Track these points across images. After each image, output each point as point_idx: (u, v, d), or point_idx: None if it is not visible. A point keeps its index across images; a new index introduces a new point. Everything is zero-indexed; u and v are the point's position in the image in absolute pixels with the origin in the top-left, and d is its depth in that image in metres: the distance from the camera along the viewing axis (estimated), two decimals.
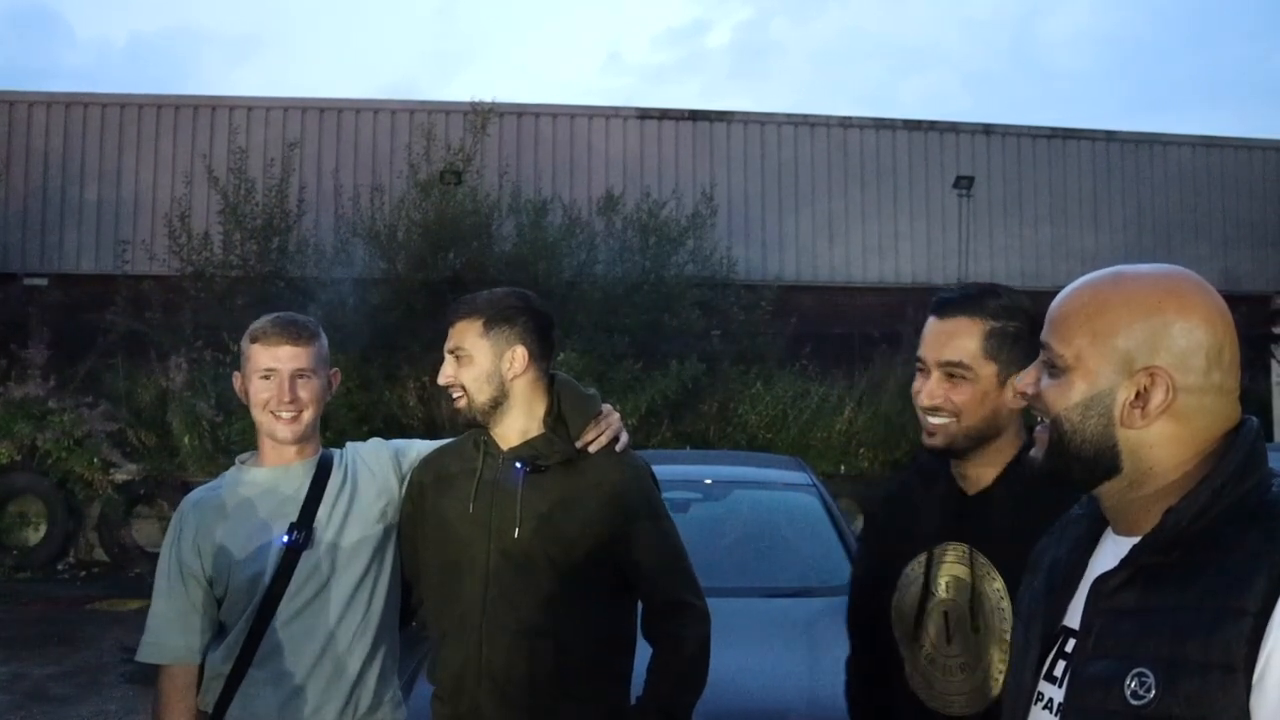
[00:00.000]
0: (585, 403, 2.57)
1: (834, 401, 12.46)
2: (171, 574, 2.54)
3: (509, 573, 2.42)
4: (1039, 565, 1.58)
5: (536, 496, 2.44)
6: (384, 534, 2.60)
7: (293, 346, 2.55)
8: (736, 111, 15.92)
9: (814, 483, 5.85)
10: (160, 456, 11.67)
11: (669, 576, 2.51)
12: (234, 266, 12.80)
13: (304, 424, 2.56)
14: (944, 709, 2.05)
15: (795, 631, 4.26)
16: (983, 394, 2.03)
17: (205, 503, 2.58)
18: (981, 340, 2.03)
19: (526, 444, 2.49)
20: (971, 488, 2.10)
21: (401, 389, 11.70)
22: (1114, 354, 1.38)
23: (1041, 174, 16.21)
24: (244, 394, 2.62)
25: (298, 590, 2.48)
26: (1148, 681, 1.27)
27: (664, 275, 13.11)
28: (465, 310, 2.51)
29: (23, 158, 14.59)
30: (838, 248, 15.68)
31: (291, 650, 2.47)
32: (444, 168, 13.13)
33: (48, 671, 7.44)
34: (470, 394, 2.47)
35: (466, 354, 2.48)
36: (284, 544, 2.49)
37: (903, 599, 2.13)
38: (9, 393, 11.47)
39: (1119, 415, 1.38)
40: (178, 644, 2.52)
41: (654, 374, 12.05)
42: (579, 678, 2.42)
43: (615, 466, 2.52)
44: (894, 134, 16.08)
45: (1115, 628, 1.34)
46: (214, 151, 13.76)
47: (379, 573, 2.57)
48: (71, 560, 12.06)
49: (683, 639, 2.47)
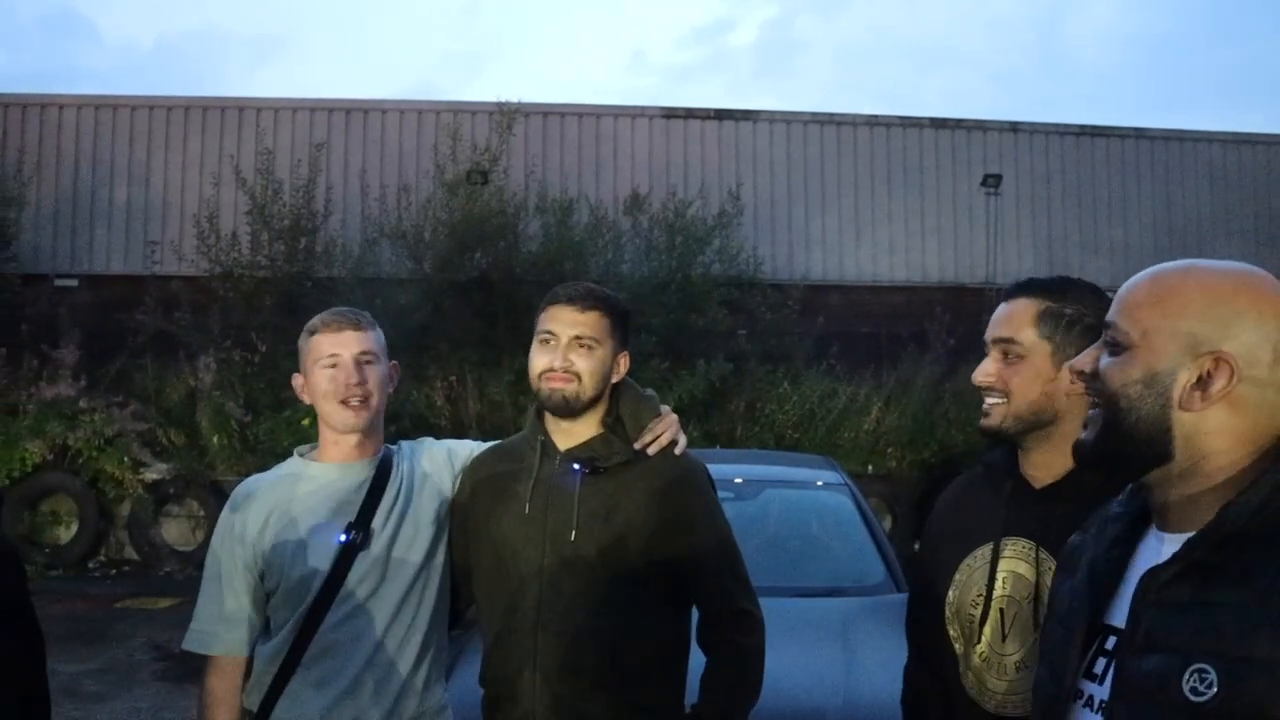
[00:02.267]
0: (644, 404, 2.55)
1: (861, 401, 12.40)
2: (224, 563, 2.50)
3: (564, 575, 2.39)
4: (1076, 563, 1.55)
5: (594, 499, 2.41)
6: (436, 536, 2.56)
7: (355, 331, 2.52)
8: (762, 110, 15.87)
9: (846, 482, 5.82)
10: (189, 456, 11.73)
11: (726, 582, 2.48)
12: (261, 267, 12.85)
13: (371, 411, 2.51)
14: (999, 710, 2.02)
15: (830, 631, 4.23)
16: (1035, 373, 2.02)
17: (262, 493, 2.53)
18: (1035, 318, 2.03)
19: (584, 445, 2.46)
20: (1039, 481, 2.07)
21: (429, 388, 11.71)
22: (1180, 335, 1.38)
23: (1069, 172, 16.06)
24: (305, 391, 2.57)
25: (351, 592, 2.44)
26: (1209, 677, 1.25)
27: (690, 275, 13.08)
28: (599, 302, 2.47)
29: (53, 160, 14.69)
30: (864, 247, 15.61)
31: (341, 652, 2.43)
32: (470, 168, 13.15)
33: (80, 668, 7.48)
34: (585, 383, 2.42)
35: (594, 343, 2.43)
36: (341, 543, 2.45)
37: (960, 596, 2.10)
38: (41, 392, 11.55)
39: (1178, 397, 1.37)
40: (228, 635, 2.49)
41: (681, 374, 12.02)
42: (634, 682, 2.39)
43: (674, 469, 2.49)
44: (920, 132, 15.99)
45: (1169, 622, 1.31)
46: (241, 152, 13.82)
47: (430, 576, 2.54)
48: (102, 558, 12.16)
49: (740, 646, 2.45)
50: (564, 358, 2.40)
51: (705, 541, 2.46)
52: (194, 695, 2.55)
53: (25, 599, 2.19)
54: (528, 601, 2.40)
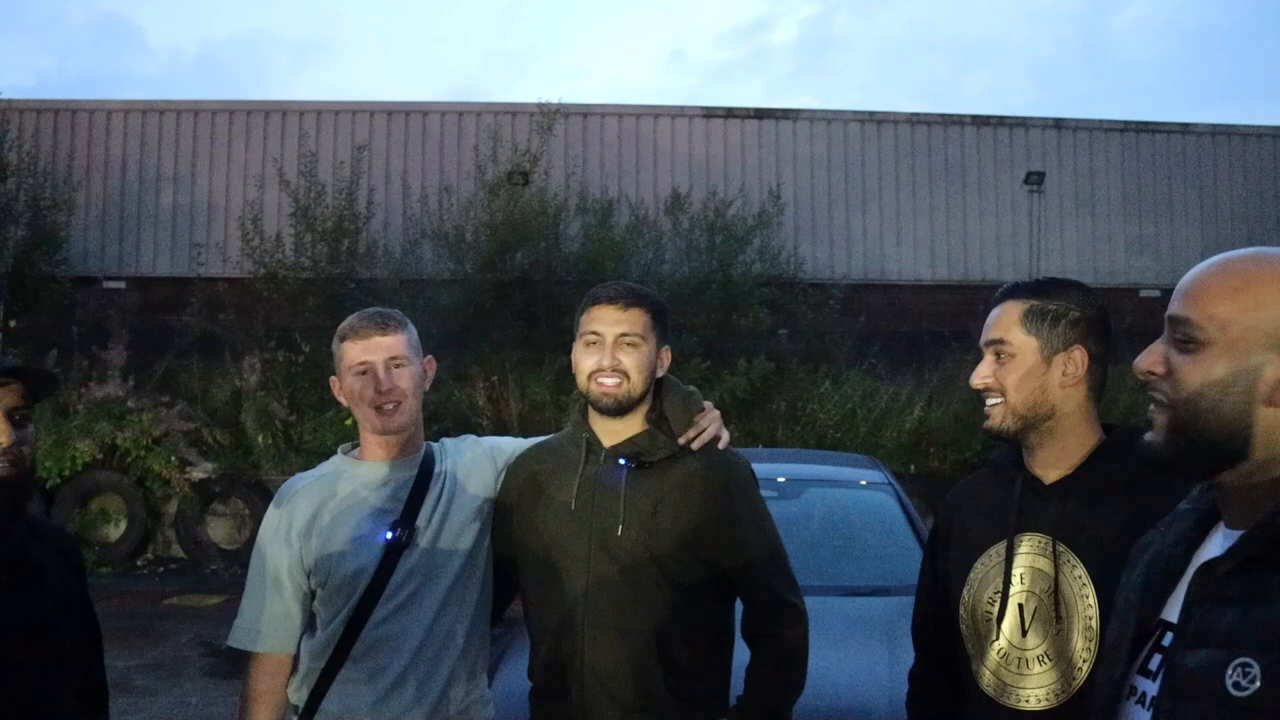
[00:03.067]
0: (688, 399, 2.56)
1: (903, 401, 12.33)
2: (269, 561, 2.52)
3: (611, 571, 2.40)
4: (1139, 559, 1.53)
5: (640, 494, 2.43)
6: (480, 533, 2.57)
7: (382, 336, 2.52)
8: (803, 109, 15.83)
9: (889, 481, 5.80)
10: (235, 455, 11.88)
11: (771, 576, 2.49)
12: (305, 268, 12.98)
13: (406, 414, 2.53)
14: (1017, 704, 2.03)
15: (874, 630, 4.21)
16: (1026, 370, 2.07)
17: (310, 491, 2.55)
18: (1021, 317, 2.09)
19: (629, 441, 2.48)
20: (1049, 477, 2.09)
21: (471, 388, 11.78)
22: (1263, 328, 1.32)
23: (1114, 169, 15.90)
24: (343, 396, 2.59)
25: (398, 588, 2.46)
26: (1251, 672, 1.21)
27: (731, 274, 13.05)
28: (640, 299, 2.50)
29: (101, 165, 14.92)
30: (906, 246, 15.52)
31: (387, 648, 2.45)
32: (511, 168, 13.22)
33: (130, 663, 7.60)
34: (634, 381, 2.44)
35: (639, 340, 2.46)
36: (387, 541, 2.46)
37: (974, 595, 2.12)
38: (90, 393, 11.75)
39: (1265, 393, 1.31)
40: (273, 632, 2.51)
41: (722, 373, 12.01)
42: (681, 676, 2.40)
43: (718, 464, 2.50)
44: (962, 130, 15.88)
45: (1218, 617, 1.29)
46: (285, 155, 13.96)
47: (473, 573, 2.55)
48: (150, 556, 12.34)
49: (785, 639, 2.46)
50: (611, 356, 2.42)
51: (750, 534, 2.47)
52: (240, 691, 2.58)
53: (86, 592, 2.24)
54: (575, 596, 2.41)
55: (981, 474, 2.32)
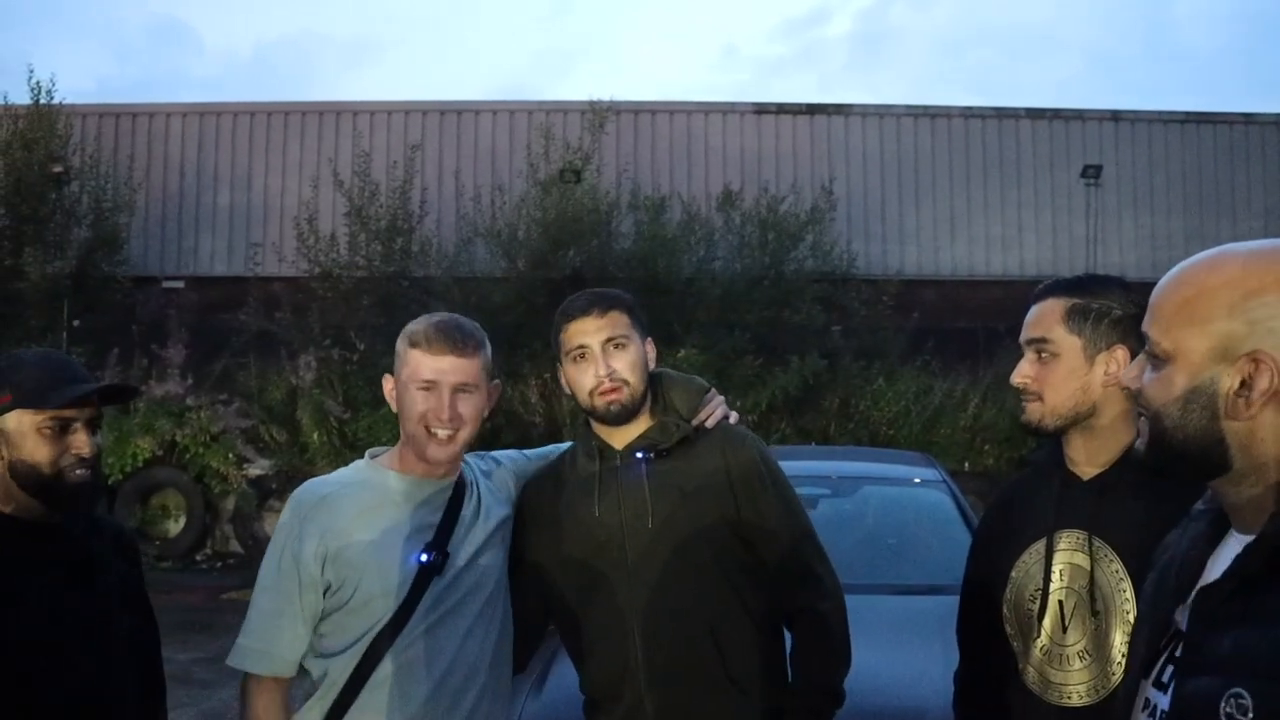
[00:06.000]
0: (690, 384, 2.56)
1: (958, 398, 12.24)
2: (285, 573, 2.29)
3: (651, 565, 2.38)
4: (1158, 561, 1.48)
5: (663, 483, 2.41)
6: (505, 560, 2.46)
7: (458, 358, 2.31)
8: (855, 104, 15.73)
9: (944, 478, 5.74)
10: (290, 452, 12.05)
11: (800, 545, 2.46)
12: (359, 267, 13.12)
13: (459, 444, 2.33)
14: (1059, 701, 2.02)
15: (929, 629, 4.16)
16: (1068, 370, 2.05)
17: (333, 500, 2.34)
18: (1063, 315, 2.06)
19: (641, 436, 2.45)
20: (1085, 473, 2.09)
21: (524, 386, 11.83)
22: (1213, 341, 1.27)
23: (1174, 161, 15.61)
24: (394, 399, 2.40)
25: (425, 615, 2.29)
26: (1244, 703, 1.15)
27: (784, 271, 13.02)
28: (613, 301, 2.48)
29: (160, 167, 15.17)
30: (960, 241, 15.37)
31: (409, 677, 2.27)
32: (563, 166, 13.27)
33: (191, 656, 7.71)
34: (633, 385, 2.40)
35: (625, 341, 2.43)
36: (420, 563, 2.29)
37: (1017, 593, 2.12)
38: (150, 391, 11.97)
39: (1223, 407, 1.26)
40: (284, 653, 2.29)
41: (774, 370, 11.99)
42: (738, 663, 2.38)
43: (733, 441, 2.49)
44: (1017, 123, 15.69)
45: (1217, 642, 1.22)
46: (339, 155, 14.09)
47: (499, 599, 2.43)
48: (208, 551, 12.55)
49: (821, 613, 2.42)
50: (605, 365, 2.39)
51: (777, 506, 2.45)
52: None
53: (143, 586, 2.28)
54: (618, 602, 2.39)
55: (1024, 473, 2.33)
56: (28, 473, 2.02)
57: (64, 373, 2.09)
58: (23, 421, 2.02)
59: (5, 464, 2.03)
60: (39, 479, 2.02)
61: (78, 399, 2.05)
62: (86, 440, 2.07)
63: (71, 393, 2.04)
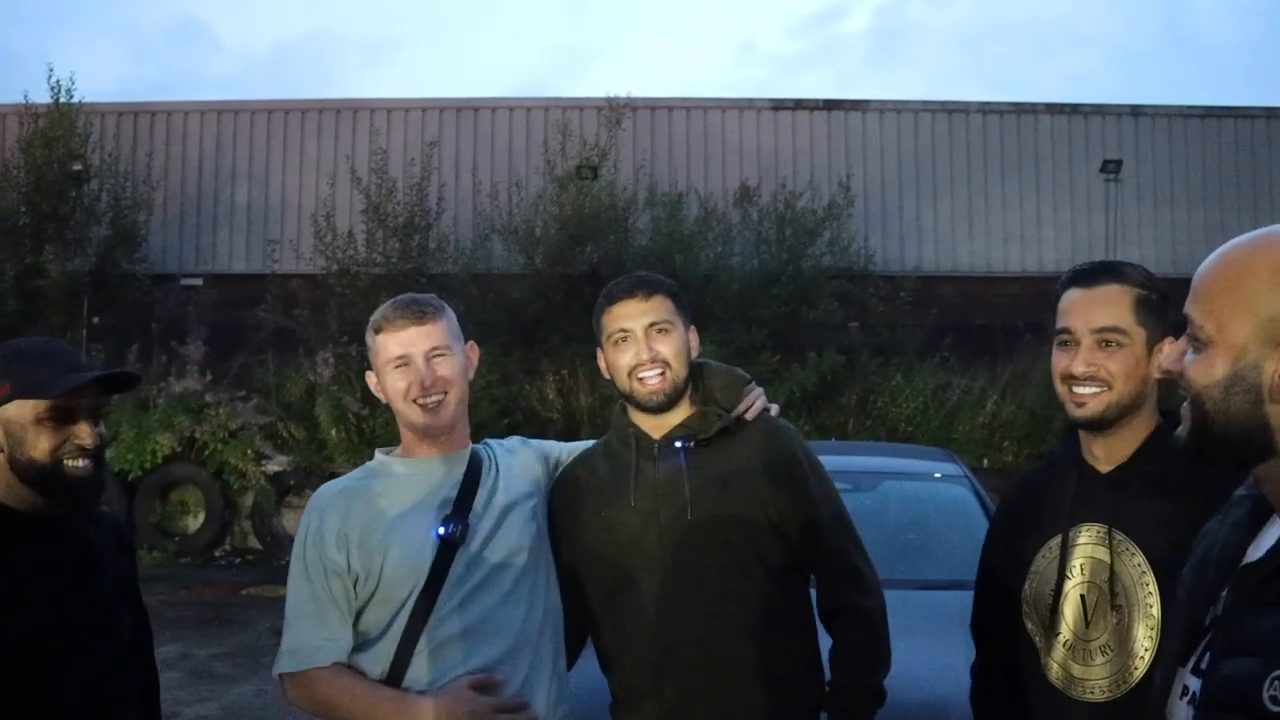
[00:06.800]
0: (731, 374, 2.53)
1: (976, 394, 12.19)
2: (311, 568, 2.31)
3: (688, 557, 2.33)
4: (1197, 548, 1.47)
5: (702, 474, 2.37)
6: (538, 534, 2.42)
7: (419, 326, 2.33)
8: (872, 100, 15.68)
9: (965, 474, 5.71)
10: (309, 448, 12.07)
11: (841, 541, 2.43)
12: (377, 264, 13.15)
13: (451, 408, 2.34)
14: (1082, 696, 2.01)
15: (952, 625, 4.12)
16: (1136, 361, 2.02)
17: (348, 493, 2.37)
18: (1132, 305, 2.04)
19: (681, 425, 2.42)
20: (1105, 466, 2.07)
21: (541, 382, 11.84)
22: (1257, 324, 1.25)
23: (1195, 156, 15.50)
24: (381, 392, 2.40)
25: (455, 588, 2.27)
26: None
27: (801, 267, 13.00)
28: (658, 286, 2.44)
29: (179, 164, 15.22)
30: (978, 237, 15.31)
31: (452, 651, 2.26)
32: (580, 163, 13.27)
33: (211, 651, 7.76)
34: (675, 370, 2.37)
35: (669, 326, 2.39)
36: (440, 536, 2.28)
37: (1038, 587, 2.09)
38: (170, 387, 12.03)
39: (1268, 390, 1.25)
40: (326, 647, 2.28)
41: (792, 366, 11.96)
42: (776, 659, 2.35)
43: (774, 432, 2.46)
44: (1036, 118, 15.61)
45: (1257, 624, 1.21)
46: (356, 153, 14.13)
47: (536, 573, 2.38)
48: (227, 547, 12.59)
49: (863, 609, 2.40)
50: (648, 348, 2.36)
51: (815, 497, 2.42)
52: None
53: (136, 581, 2.25)
54: (652, 596, 2.35)
55: (1039, 466, 2.30)
56: (28, 464, 1.96)
57: (63, 362, 2.03)
58: (23, 412, 1.96)
59: (6, 456, 1.97)
60: (39, 470, 1.96)
61: (78, 387, 1.99)
62: (89, 430, 2.00)
63: (72, 381, 1.98)
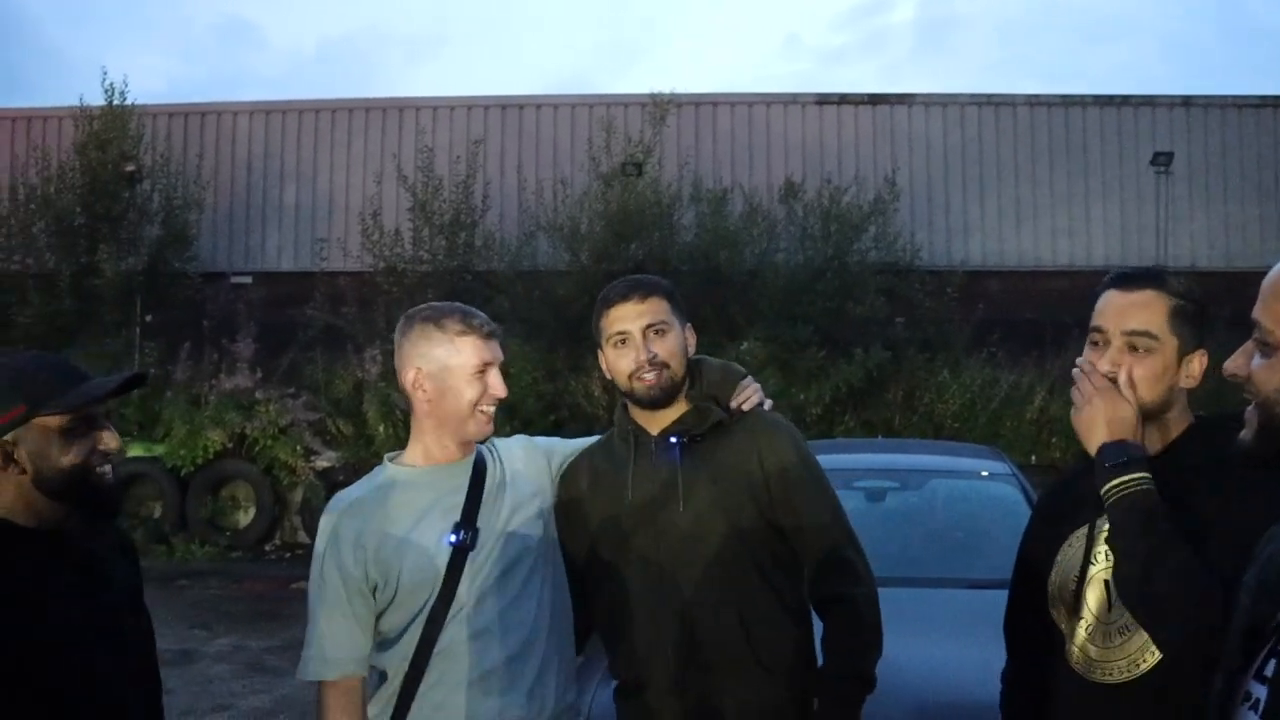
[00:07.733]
0: (728, 370, 2.61)
1: (1024, 390, 12.08)
2: (330, 581, 2.37)
3: (682, 549, 2.42)
4: (1261, 552, 1.46)
5: (697, 465, 2.45)
6: (544, 533, 2.50)
7: (495, 340, 2.45)
8: (918, 94, 15.56)
9: (1013, 472, 5.67)
10: (357, 444, 12.20)
11: (833, 532, 2.48)
12: (423, 261, 13.26)
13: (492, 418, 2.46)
14: (1102, 678, 2.02)
15: (998, 624, 4.13)
16: (1163, 368, 2.01)
17: (361, 504, 2.42)
18: (1168, 313, 2.02)
19: (676, 421, 2.49)
20: None
21: (586, 378, 11.88)
22: None
23: (1248, 148, 15.23)
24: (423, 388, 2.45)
25: (468, 592, 2.35)
26: None
27: (847, 262, 12.94)
28: (654, 288, 2.52)
29: (229, 164, 15.42)
30: (1026, 231, 15.16)
31: (467, 654, 2.34)
32: (625, 159, 13.29)
33: (263, 644, 7.87)
34: (674, 368, 2.46)
35: (665, 327, 2.47)
36: (452, 544, 2.35)
37: (1062, 577, 2.11)
38: (220, 384, 12.21)
39: None
40: (346, 656, 2.36)
41: (838, 362, 11.93)
42: (767, 648, 2.41)
43: (768, 426, 2.52)
44: (1084, 111, 15.42)
45: None
46: (402, 151, 14.26)
47: (544, 570, 2.46)
48: (277, 542, 12.77)
49: (852, 597, 2.43)
50: (646, 350, 2.43)
51: (811, 492, 2.47)
52: None
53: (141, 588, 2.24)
54: (648, 586, 2.44)
55: (1073, 467, 2.34)
56: (58, 477, 1.91)
57: (71, 372, 1.99)
58: (47, 427, 1.90)
59: (30, 477, 1.91)
60: (70, 481, 1.92)
61: (103, 395, 1.96)
62: (113, 435, 1.98)
63: (93, 389, 1.95)
